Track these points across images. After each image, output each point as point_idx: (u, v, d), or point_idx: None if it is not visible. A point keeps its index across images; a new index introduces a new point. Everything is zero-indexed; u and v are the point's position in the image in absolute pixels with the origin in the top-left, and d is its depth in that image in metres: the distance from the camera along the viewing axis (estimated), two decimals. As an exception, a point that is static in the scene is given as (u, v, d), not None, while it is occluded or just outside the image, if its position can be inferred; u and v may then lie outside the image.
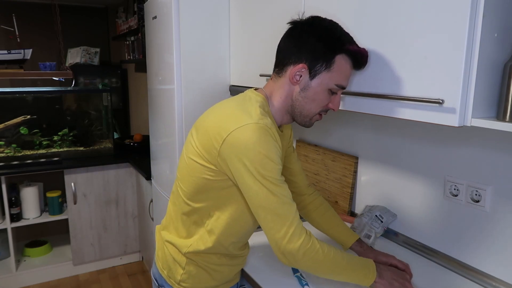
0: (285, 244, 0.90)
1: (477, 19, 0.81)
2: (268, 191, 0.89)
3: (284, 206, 0.90)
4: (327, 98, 0.99)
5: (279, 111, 1.03)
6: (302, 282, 1.15)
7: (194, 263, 1.07)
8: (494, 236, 1.14)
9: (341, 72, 0.96)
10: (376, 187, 1.56)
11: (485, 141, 1.15)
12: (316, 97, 0.98)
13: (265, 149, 0.88)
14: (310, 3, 1.27)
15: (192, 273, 1.07)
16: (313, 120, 1.03)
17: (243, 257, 1.17)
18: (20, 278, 2.79)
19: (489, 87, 0.87)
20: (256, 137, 0.87)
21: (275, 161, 0.89)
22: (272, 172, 0.89)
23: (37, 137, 2.92)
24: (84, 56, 3.75)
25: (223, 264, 1.10)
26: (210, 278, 1.09)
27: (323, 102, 0.99)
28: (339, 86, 0.97)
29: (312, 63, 0.95)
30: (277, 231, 0.90)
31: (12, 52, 2.89)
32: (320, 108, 1.00)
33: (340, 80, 0.97)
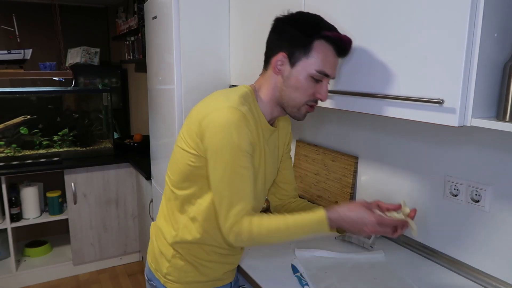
0: (228, 228, 0.93)
1: (477, 19, 0.81)
2: (226, 176, 0.92)
3: (236, 195, 0.93)
4: (311, 86, 0.97)
5: (268, 104, 1.04)
6: (302, 282, 1.15)
7: (181, 256, 1.07)
8: (494, 236, 1.14)
9: (321, 59, 0.95)
10: (376, 187, 1.56)
11: (485, 141, 1.15)
12: (299, 85, 0.97)
13: (235, 134, 0.91)
14: (310, 2, 1.27)
15: (178, 266, 1.08)
16: (302, 111, 1.01)
17: (234, 255, 1.16)
18: (20, 278, 2.79)
19: (489, 87, 0.87)
20: (228, 119, 0.91)
21: (241, 147, 0.91)
22: (236, 158, 0.91)
23: (37, 137, 2.92)
24: (84, 56, 3.75)
25: (212, 261, 1.10)
26: (197, 273, 1.09)
27: (307, 90, 0.97)
28: (321, 72, 0.95)
29: (291, 50, 0.96)
30: (224, 216, 0.94)
31: (12, 52, 2.89)
32: (306, 97, 0.98)
33: (321, 66, 0.95)
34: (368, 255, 1.33)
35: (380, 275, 1.21)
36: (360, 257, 1.32)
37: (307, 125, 1.94)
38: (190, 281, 1.09)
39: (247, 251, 1.36)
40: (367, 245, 1.38)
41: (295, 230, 0.94)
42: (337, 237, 1.47)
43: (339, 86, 1.18)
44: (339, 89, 1.18)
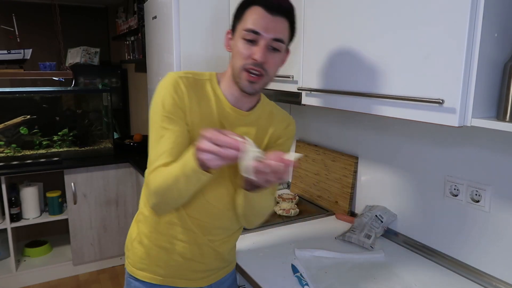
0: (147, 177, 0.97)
1: (477, 19, 0.81)
2: (151, 135, 0.97)
3: (154, 154, 0.96)
4: (246, 48, 0.94)
5: (227, 83, 1.02)
6: (302, 282, 1.14)
7: (137, 235, 1.11)
8: (494, 236, 1.14)
9: (249, 18, 0.94)
10: (376, 187, 1.56)
11: (485, 141, 1.15)
12: (236, 50, 0.97)
13: (161, 95, 0.97)
14: (310, 2, 1.27)
15: (135, 248, 1.11)
16: (242, 79, 0.96)
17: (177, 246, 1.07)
18: (20, 278, 2.79)
19: (489, 87, 0.87)
20: (160, 84, 0.99)
21: (164, 106, 0.95)
22: (155, 114, 0.96)
23: (37, 137, 2.92)
24: (84, 56, 3.75)
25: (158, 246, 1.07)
26: (146, 255, 1.09)
27: (242, 53, 0.95)
28: (248, 30, 0.93)
29: (233, 25, 1.00)
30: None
31: (12, 52, 2.89)
32: (242, 60, 0.95)
33: (249, 25, 0.93)
34: (368, 255, 1.33)
35: (380, 275, 1.21)
36: (360, 257, 1.32)
37: (307, 125, 1.94)
38: (142, 268, 1.10)
39: (246, 251, 1.36)
40: (367, 245, 1.38)
41: (176, 172, 0.89)
42: (337, 237, 1.47)
43: (339, 86, 1.18)
44: (339, 89, 1.18)
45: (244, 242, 1.43)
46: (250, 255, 1.34)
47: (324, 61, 1.23)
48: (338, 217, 1.67)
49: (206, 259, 1.11)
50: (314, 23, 1.26)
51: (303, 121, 1.96)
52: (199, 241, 1.08)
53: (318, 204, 1.81)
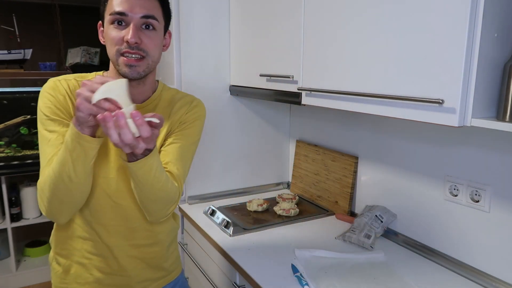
0: None
1: (477, 19, 0.81)
2: (39, 142, 0.98)
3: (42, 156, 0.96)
4: (117, 32, 0.91)
5: (112, 74, 0.99)
6: (302, 282, 1.15)
7: (54, 254, 1.07)
8: (494, 236, 1.14)
9: (111, 3, 0.92)
10: (376, 187, 1.56)
11: (485, 141, 1.15)
12: (108, 38, 0.93)
13: (40, 100, 0.98)
14: (310, 2, 1.27)
15: (54, 269, 1.08)
16: (121, 65, 0.92)
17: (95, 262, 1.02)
18: (20, 278, 2.79)
19: (489, 87, 0.87)
20: (43, 90, 0.99)
21: (43, 111, 0.96)
22: (39, 122, 0.97)
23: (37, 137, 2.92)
24: (84, 56, 3.74)
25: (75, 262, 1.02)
26: (64, 274, 1.05)
27: (113, 38, 0.91)
28: (112, 13, 0.90)
29: (100, 16, 0.97)
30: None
31: (12, 52, 2.89)
32: (115, 46, 0.91)
33: (113, 7, 0.90)
34: (368, 255, 1.33)
35: (380, 275, 1.21)
36: (360, 257, 1.32)
37: (307, 125, 1.94)
38: None
39: (246, 251, 1.36)
40: (367, 245, 1.38)
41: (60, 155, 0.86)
42: (337, 237, 1.47)
43: (339, 86, 1.18)
44: (339, 89, 1.18)
45: (244, 242, 1.43)
46: (250, 255, 1.34)
47: (324, 61, 1.23)
48: (338, 217, 1.67)
49: (130, 272, 1.03)
50: (314, 23, 1.26)
51: (303, 121, 1.96)
52: (116, 253, 1.01)
53: (318, 204, 1.81)
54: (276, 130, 2.04)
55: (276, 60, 1.48)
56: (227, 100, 1.87)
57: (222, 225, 1.55)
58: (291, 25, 1.37)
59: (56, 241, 1.05)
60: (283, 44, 1.43)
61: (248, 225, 1.57)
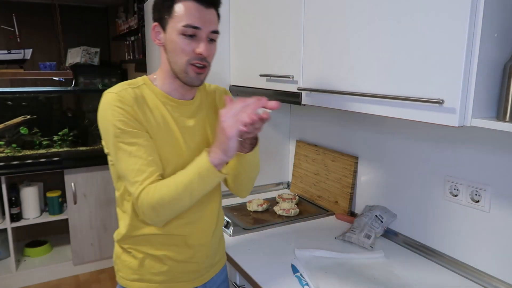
0: (137, 205, 0.95)
1: (477, 19, 0.81)
2: (118, 156, 0.95)
3: (132, 171, 0.94)
4: (187, 44, 0.96)
5: (166, 80, 1.03)
6: (302, 282, 1.15)
7: (124, 249, 1.09)
8: (494, 236, 1.14)
9: (184, 13, 0.95)
10: (376, 187, 1.56)
11: (485, 141, 1.15)
12: (175, 46, 0.96)
13: (109, 114, 0.94)
14: (310, 2, 1.27)
15: (126, 263, 1.09)
16: (190, 74, 0.98)
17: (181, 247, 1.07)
18: (20, 278, 2.79)
19: (489, 87, 0.87)
20: (103, 105, 0.96)
21: (117, 125, 0.93)
22: (112, 137, 0.94)
23: (37, 137, 2.92)
24: (84, 56, 3.75)
25: (159, 255, 1.06)
26: (138, 266, 1.07)
27: (184, 49, 0.96)
28: (187, 26, 0.94)
29: (159, 18, 0.99)
30: (132, 195, 0.95)
31: (12, 52, 2.90)
32: (186, 56, 0.96)
33: (186, 20, 0.94)
34: (368, 255, 1.33)
35: (380, 275, 1.21)
36: (360, 257, 1.32)
37: (307, 125, 1.94)
38: (136, 279, 1.08)
39: (246, 251, 1.36)
40: (367, 245, 1.38)
41: (187, 180, 0.92)
42: (337, 237, 1.47)
43: (339, 86, 1.18)
44: (339, 89, 1.18)
45: (244, 242, 1.43)
46: (250, 255, 1.34)
47: (324, 61, 1.23)
48: (338, 217, 1.67)
49: (199, 258, 1.11)
50: (314, 23, 1.26)
51: (303, 121, 1.96)
52: (189, 241, 1.07)
53: (318, 204, 1.81)
54: (276, 130, 2.04)
55: (276, 60, 1.48)
56: (227, 100, 1.87)
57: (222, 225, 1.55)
58: (291, 25, 1.37)
59: (129, 237, 1.07)
60: (283, 44, 1.43)
61: (248, 225, 1.57)
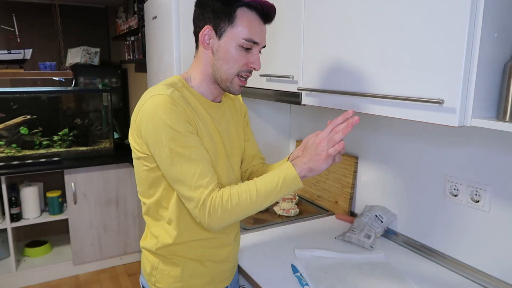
0: (199, 210, 0.91)
1: (477, 19, 0.81)
2: (174, 161, 0.90)
3: (192, 176, 0.91)
4: (242, 56, 0.96)
5: (203, 82, 1.01)
6: (302, 282, 1.15)
7: (164, 258, 1.05)
8: (494, 236, 1.14)
9: (246, 25, 0.93)
10: (376, 187, 1.56)
11: (485, 141, 1.15)
12: (229, 56, 0.95)
13: (165, 117, 0.89)
14: (310, 2, 1.27)
15: (165, 273, 1.05)
16: (234, 84, 0.99)
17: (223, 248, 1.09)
18: (20, 278, 2.79)
19: (489, 87, 0.87)
20: (154, 106, 0.90)
21: (175, 128, 0.90)
22: (175, 140, 0.89)
23: (37, 137, 2.92)
24: (84, 56, 3.74)
25: (201, 258, 1.06)
26: (186, 276, 1.05)
27: (238, 61, 0.96)
28: (249, 40, 0.94)
29: (215, 22, 0.94)
30: (190, 201, 0.92)
31: (12, 52, 2.89)
32: (237, 67, 0.97)
33: (248, 34, 0.93)
34: (368, 255, 1.33)
35: (380, 275, 1.21)
36: (360, 257, 1.32)
37: (307, 125, 1.94)
38: (180, 286, 1.06)
39: (246, 251, 1.36)
40: (367, 245, 1.38)
41: (266, 188, 0.92)
42: (337, 237, 1.47)
43: (339, 86, 1.18)
44: (339, 89, 1.18)
45: (244, 242, 1.43)
46: (250, 255, 1.34)
47: (324, 61, 1.23)
48: (338, 217, 1.67)
49: (232, 258, 1.14)
50: (313, 24, 1.26)
51: (303, 121, 1.96)
52: (225, 241, 1.10)
53: (318, 204, 1.81)
54: (276, 130, 2.04)
55: (276, 60, 1.48)
56: (227, 100, 1.87)
57: (222, 225, 1.55)
58: (291, 25, 1.37)
59: (173, 245, 1.03)
60: (283, 44, 1.43)
61: (248, 225, 1.57)
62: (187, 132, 0.91)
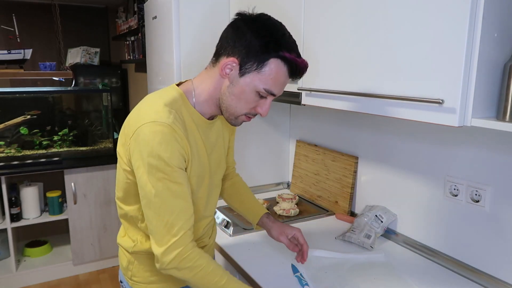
0: (161, 254, 0.89)
1: (477, 19, 0.81)
2: (159, 194, 0.87)
3: (171, 215, 0.88)
4: (255, 100, 0.93)
5: (206, 103, 0.98)
6: (302, 282, 1.14)
7: (140, 256, 1.05)
8: (494, 236, 1.14)
9: (272, 77, 0.90)
10: (376, 187, 1.56)
11: (485, 141, 1.15)
12: (243, 97, 0.92)
13: (162, 150, 0.86)
14: (310, 2, 1.27)
15: (140, 266, 1.05)
16: (239, 120, 0.97)
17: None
18: (20, 278, 2.79)
19: (489, 87, 0.87)
20: (153, 135, 0.86)
21: (171, 163, 0.87)
22: (167, 175, 0.87)
23: (37, 137, 2.92)
24: (84, 56, 3.74)
25: None
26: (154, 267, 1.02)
27: (249, 103, 0.93)
28: (268, 91, 0.91)
29: (244, 59, 0.90)
30: (161, 237, 0.89)
31: (12, 52, 2.89)
32: (247, 109, 0.95)
33: (270, 85, 0.91)
34: (368, 255, 1.33)
35: (380, 275, 1.21)
36: (360, 257, 1.32)
37: (307, 125, 1.94)
38: (156, 280, 1.06)
39: (246, 251, 1.36)
40: (367, 245, 1.38)
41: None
42: (337, 237, 1.47)
43: (339, 86, 1.18)
44: (339, 89, 1.18)
45: (244, 242, 1.43)
46: (250, 255, 1.34)
47: (324, 61, 1.23)
48: (338, 217, 1.67)
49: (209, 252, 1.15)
50: (313, 23, 1.26)
51: (303, 121, 1.96)
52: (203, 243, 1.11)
53: (318, 204, 1.81)
54: (276, 130, 2.04)
55: (276, 60, 1.48)
56: (227, 100, 1.87)
57: (222, 225, 1.56)
58: (291, 25, 1.37)
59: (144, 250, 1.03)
60: (283, 44, 1.42)
61: (248, 225, 1.57)
62: (179, 168, 0.89)
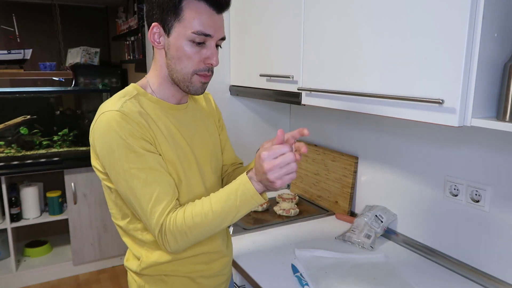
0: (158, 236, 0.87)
1: (477, 19, 0.81)
2: (130, 183, 0.85)
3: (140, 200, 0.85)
4: (195, 52, 0.88)
5: (162, 86, 0.94)
6: (302, 282, 1.15)
7: (150, 277, 0.99)
8: (494, 236, 1.14)
9: (194, 17, 0.85)
10: (376, 187, 1.56)
11: (485, 141, 1.15)
12: (181, 54, 0.87)
13: (119, 135, 0.83)
14: (310, 2, 1.27)
15: None
16: (195, 83, 0.91)
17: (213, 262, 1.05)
18: (20, 278, 2.79)
19: (489, 87, 0.87)
20: (105, 125, 0.84)
21: (132, 147, 0.84)
22: (131, 161, 0.84)
23: (37, 137, 2.92)
24: (84, 56, 3.74)
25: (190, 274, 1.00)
26: None
27: (192, 58, 0.88)
28: (199, 33, 0.86)
29: (162, 18, 0.87)
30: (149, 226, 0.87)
31: (12, 52, 2.90)
32: (193, 65, 0.89)
33: (197, 27, 0.85)
34: (368, 255, 1.33)
35: (380, 275, 1.21)
36: (360, 257, 1.32)
37: (307, 125, 1.94)
38: None
39: (246, 251, 1.36)
40: (367, 245, 1.38)
41: (223, 207, 0.85)
42: (337, 237, 1.47)
43: (339, 86, 1.18)
44: (339, 89, 1.18)
45: (244, 242, 1.43)
46: (250, 255, 1.34)
47: (324, 61, 1.23)
48: (338, 217, 1.67)
49: (226, 270, 1.10)
50: (313, 23, 1.26)
51: (303, 121, 1.96)
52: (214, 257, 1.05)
53: (318, 204, 1.81)
54: (276, 130, 2.04)
55: (276, 60, 1.48)
56: (227, 100, 1.87)
57: (222, 225, 1.55)
58: (291, 25, 1.37)
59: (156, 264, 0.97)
60: (283, 44, 1.43)
61: (248, 225, 1.57)
62: (143, 151, 0.85)
